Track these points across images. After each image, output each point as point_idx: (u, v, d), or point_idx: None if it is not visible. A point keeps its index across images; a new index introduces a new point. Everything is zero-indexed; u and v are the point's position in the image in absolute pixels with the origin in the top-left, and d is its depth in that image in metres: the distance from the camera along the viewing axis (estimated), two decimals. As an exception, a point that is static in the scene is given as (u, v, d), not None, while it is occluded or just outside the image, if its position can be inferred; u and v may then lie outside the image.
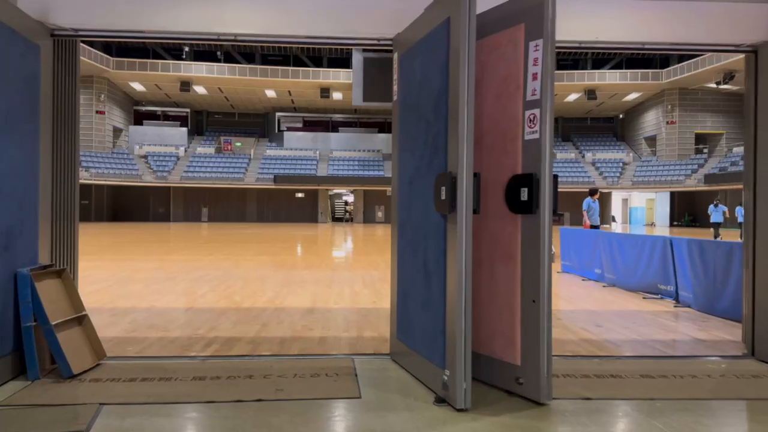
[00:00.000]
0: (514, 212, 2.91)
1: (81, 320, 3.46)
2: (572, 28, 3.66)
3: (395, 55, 3.54)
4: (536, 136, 2.81)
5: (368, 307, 5.64)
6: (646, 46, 3.84)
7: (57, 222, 3.65)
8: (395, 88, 3.54)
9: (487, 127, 3.10)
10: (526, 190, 2.82)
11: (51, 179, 3.60)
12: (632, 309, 5.78)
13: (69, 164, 3.74)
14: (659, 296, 6.54)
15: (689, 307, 5.93)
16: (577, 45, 3.78)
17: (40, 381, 3.09)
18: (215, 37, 3.64)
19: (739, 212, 20.01)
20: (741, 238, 20.08)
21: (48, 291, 3.25)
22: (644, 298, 6.56)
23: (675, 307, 6.00)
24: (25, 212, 3.22)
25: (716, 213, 19.36)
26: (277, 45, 3.54)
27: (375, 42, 3.67)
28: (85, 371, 3.25)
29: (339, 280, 7.85)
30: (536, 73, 2.82)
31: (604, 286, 7.53)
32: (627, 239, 7.25)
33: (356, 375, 3.25)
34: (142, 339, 4.13)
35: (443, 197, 2.74)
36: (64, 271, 3.46)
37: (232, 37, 3.63)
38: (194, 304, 5.72)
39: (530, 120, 2.85)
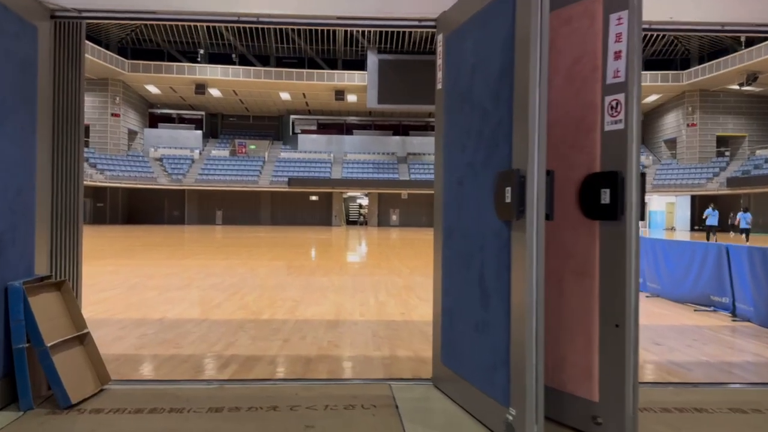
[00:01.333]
0: (591, 218, 2.44)
1: (82, 339, 3.05)
2: (643, 6, 3.17)
3: (439, 37, 3.09)
4: (620, 126, 2.34)
5: (397, 320, 5.18)
6: (726, 28, 3.35)
7: (57, 227, 3.24)
8: (439, 75, 3.09)
9: (554, 117, 2.63)
10: (607, 191, 2.34)
11: (51, 178, 3.19)
12: (688, 324, 5.25)
13: (72, 161, 3.33)
14: (712, 308, 5.99)
15: (749, 321, 5.39)
16: (646, 27, 3.30)
17: (33, 411, 2.68)
18: (235, 18, 3.22)
19: (742, 218, 20.59)
20: (747, 241, 20.93)
21: (44, 307, 2.83)
22: (695, 310, 6.02)
23: (733, 321, 5.46)
24: (19, 216, 2.81)
25: (712, 217, 21.00)
26: (304, 27, 3.11)
27: (416, 23, 3.22)
28: (85, 399, 2.83)
29: (361, 288, 7.40)
30: (620, 51, 2.35)
31: (647, 297, 6.99)
32: (674, 246, 6.70)
33: (397, 407, 2.79)
34: (152, 357, 3.72)
35: (508, 200, 2.27)
36: (63, 283, 3.05)
37: (255, 18, 3.20)
38: (209, 315, 5.31)
39: (612, 107, 2.38)
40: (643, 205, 2.34)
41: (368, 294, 6.87)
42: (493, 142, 2.46)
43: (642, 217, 2.34)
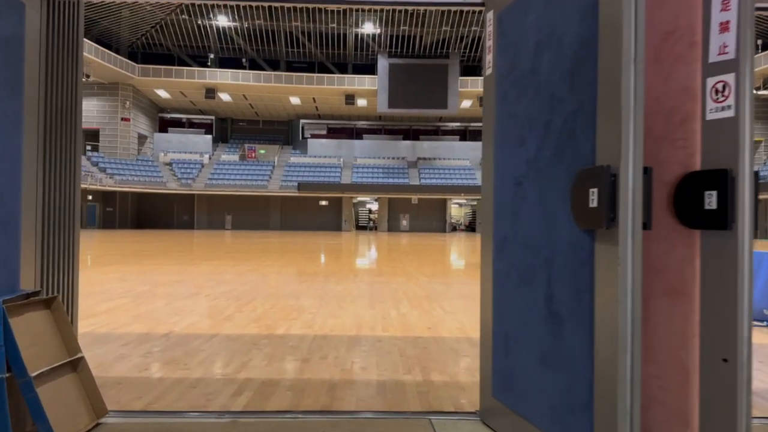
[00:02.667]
0: (689, 226, 1.99)
1: (75, 365, 2.64)
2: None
3: (489, 15, 2.66)
4: (729, 113, 1.90)
5: (424, 335, 4.74)
6: (817, 6, 2.89)
7: (49, 235, 2.84)
8: (488, 58, 2.66)
9: (636, 106, 2.19)
10: (713, 194, 1.90)
11: (42, 180, 2.79)
12: (745, 341, 4.76)
13: (66, 162, 2.93)
14: (765, 324, 5.49)
15: (811, 338, 4.89)
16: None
17: (14, 453, 2.27)
18: (252, -5, 2.81)
19: None
20: None
21: (29, 328, 2.42)
22: (746, 325, 5.52)
23: (792, 338, 4.97)
24: (0, 223, 2.41)
25: None
26: (331, 7, 2.68)
27: (459, 0, 2.79)
28: (76, 437, 2.41)
29: (379, 298, 6.96)
30: (727, 22, 1.91)
31: (689, 309, 6.49)
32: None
33: (443, 450, 2.35)
34: (157, 381, 3.30)
35: (593, 204, 1.83)
36: (54, 299, 2.64)
37: (275, -4, 2.79)
38: (220, 328, 4.89)
39: (717, 91, 1.93)
40: (756, 211, 1.89)
41: (388, 304, 6.43)
42: (567, 133, 2.03)
43: (755, 226, 1.89)
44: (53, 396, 2.40)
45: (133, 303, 6.31)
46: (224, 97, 41.88)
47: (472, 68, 43.87)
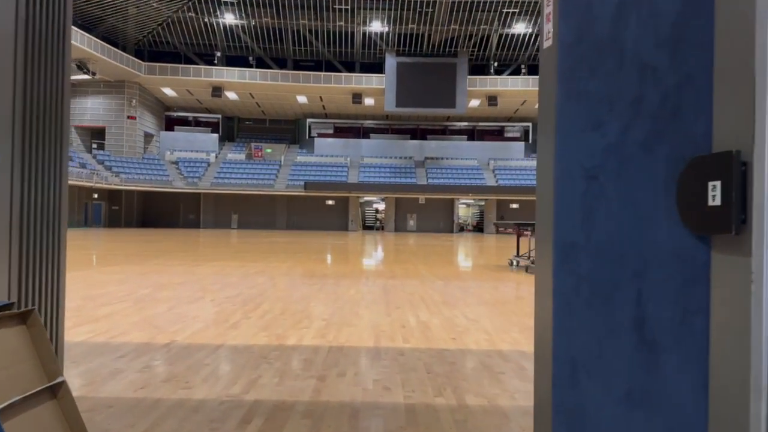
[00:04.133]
0: (828, 231, 1.56)
1: (55, 390, 2.23)
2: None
3: (547, -22, 2.23)
4: None
5: (450, 347, 4.32)
6: None
7: (27, 240, 2.43)
8: (548, 27, 2.23)
9: (746, 80, 1.76)
10: None
11: (20, 175, 2.39)
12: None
13: (50, 155, 2.53)
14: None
15: None
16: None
17: (-24, 503, 1.87)
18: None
19: None
20: None
21: (-2, 350, 2.02)
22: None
23: None
24: (-36, 222, 2.01)
25: None
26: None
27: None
28: (53, 481, 2.01)
29: (395, 303, 6.54)
30: None
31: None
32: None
33: (497, 501, 1.93)
34: (154, 403, 2.89)
35: (715, 202, 1.40)
36: (31, 313, 2.23)
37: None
38: (226, 338, 4.49)
39: None
40: None
41: (406, 311, 6.01)
42: (669, 112, 1.60)
43: None
44: (26, 431, 2.00)
45: (133, 308, 5.92)
46: (231, 95, 41.62)
47: (480, 67, 43.40)
